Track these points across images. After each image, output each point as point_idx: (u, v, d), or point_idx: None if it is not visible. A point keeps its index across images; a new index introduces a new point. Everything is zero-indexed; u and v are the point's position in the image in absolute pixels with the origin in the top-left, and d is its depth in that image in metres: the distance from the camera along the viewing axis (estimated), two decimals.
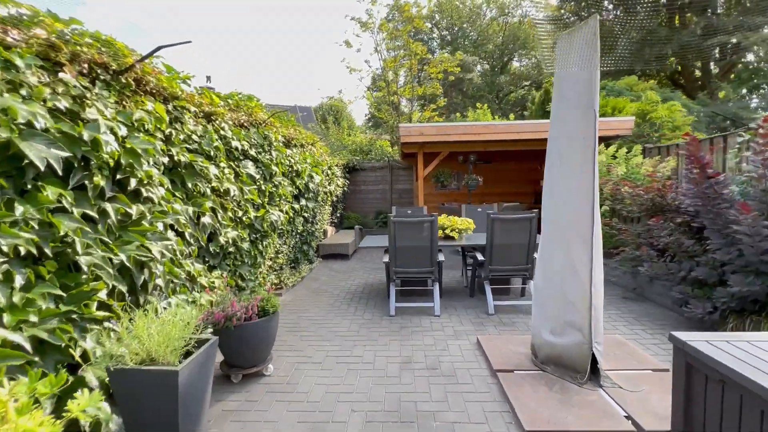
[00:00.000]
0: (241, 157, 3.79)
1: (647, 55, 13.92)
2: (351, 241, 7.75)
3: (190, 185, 2.80)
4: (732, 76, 15.85)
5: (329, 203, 8.34)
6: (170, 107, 2.70)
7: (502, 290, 4.74)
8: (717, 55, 14.17)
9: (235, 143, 3.52)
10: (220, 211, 3.16)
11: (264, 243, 4.25)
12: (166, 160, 2.63)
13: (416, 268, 4.29)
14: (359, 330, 3.80)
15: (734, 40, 13.31)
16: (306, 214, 6.02)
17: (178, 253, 2.64)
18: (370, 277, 6.04)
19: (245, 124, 3.90)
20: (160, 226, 2.38)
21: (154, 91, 2.54)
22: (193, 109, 2.97)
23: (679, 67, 15.94)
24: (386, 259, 4.38)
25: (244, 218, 3.74)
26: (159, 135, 2.53)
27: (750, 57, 15.53)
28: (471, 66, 28.77)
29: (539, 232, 2.98)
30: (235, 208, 3.54)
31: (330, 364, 3.08)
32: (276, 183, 4.45)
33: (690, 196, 3.52)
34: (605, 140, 7.39)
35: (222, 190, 3.26)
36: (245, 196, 3.69)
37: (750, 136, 3.69)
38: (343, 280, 5.88)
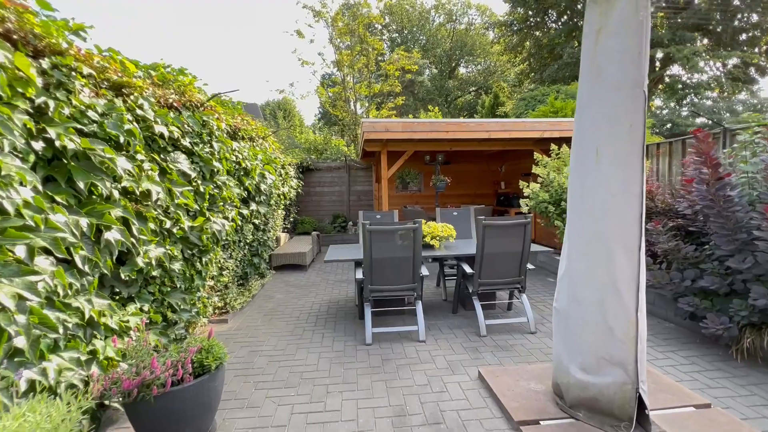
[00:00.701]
0: (170, 148, 2.85)
1: None
2: (308, 250, 6.88)
3: (82, 185, 1.86)
4: (660, 87, 17.24)
5: (282, 207, 7.38)
6: (46, 64, 1.75)
7: (487, 305, 4.22)
8: (656, 65, 15.22)
9: (159, 128, 2.58)
10: (136, 222, 2.23)
11: (203, 260, 3.31)
12: (39, 145, 1.69)
13: (396, 285, 3.61)
14: (331, 368, 3.02)
15: (660, 54, 14.38)
16: (257, 221, 5.08)
17: (60, 288, 1.70)
18: (334, 292, 5.25)
19: (176, 105, 2.95)
20: (19, 251, 1.46)
21: (11, 34, 1.59)
22: (88, 71, 2.02)
23: None
24: (359, 274, 3.64)
25: (174, 230, 2.80)
26: (21, 104, 1.59)
27: (675, 69, 16.99)
28: (422, 69, 28.92)
29: (533, 239, 2.47)
30: (161, 217, 2.60)
31: (299, 427, 2.28)
32: (219, 183, 3.52)
33: (699, 198, 3.22)
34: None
35: (139, 193, 2.33)
36: (176, 201, 2.76)
37: (749, 135, 3.49)
38: (302, 297, 5.02)
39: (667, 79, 16.97)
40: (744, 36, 14.16)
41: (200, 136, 3.21)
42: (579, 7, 14.92)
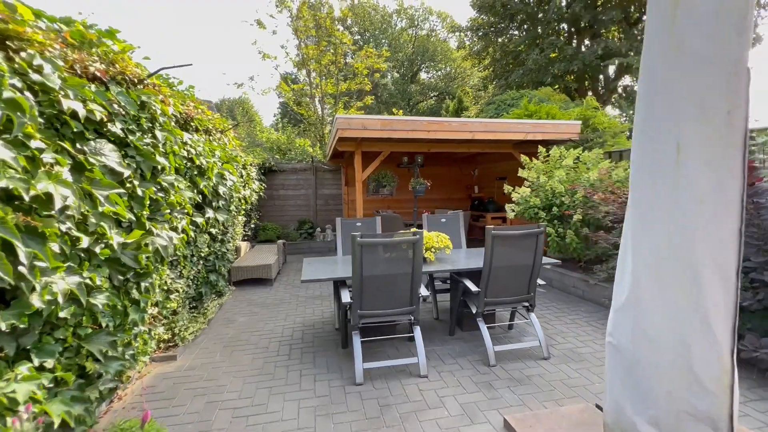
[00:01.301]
0: (91, 135, 2.05)
1: (554, 69, 14.91)
2: (274, 261, 6.07)
3: None
4: (614, 97, 18.07)
5: (243, 212, 6.51)
6: None
7: (475, 321, 3.72)
8: (611, 75, 15.85)
9: (71, 104, 1.79)
10: (21, 245, 1.44)
11: (142, 286, 2.50)
12: None
13: (391, 309, 3.00)
14: (317, 423, 2.34)
15: (613, 64, 15.02)
16: (214, 230, 4.25)
17: None
18: (307, 312, 4.52)
19: (100, 76, 2.15)
20: None
21: None
22: None
23: (575, 85, 17.58)
24: (346, 297, 2.99)
25: (97, 249, 2.01)
26: None
27: (626, 80, 17.88)
28: (385, 72, 28.66)
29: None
30: (74, 233, 1.81)
31: None
32: (165, 185, 2.72)
33: None
34: (554, 144, 7.07)
35: (31, 198, 1.54)
36: (100, 209, 1.96)
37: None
38: (270, 320, 4.26)
39: (620, 89, 17.81)
40: None
41: (137, 121, 2.41)
42: (540, 16, 15.21)
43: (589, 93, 17.63)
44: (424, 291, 3.06)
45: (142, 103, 2.43)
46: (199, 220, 3.49)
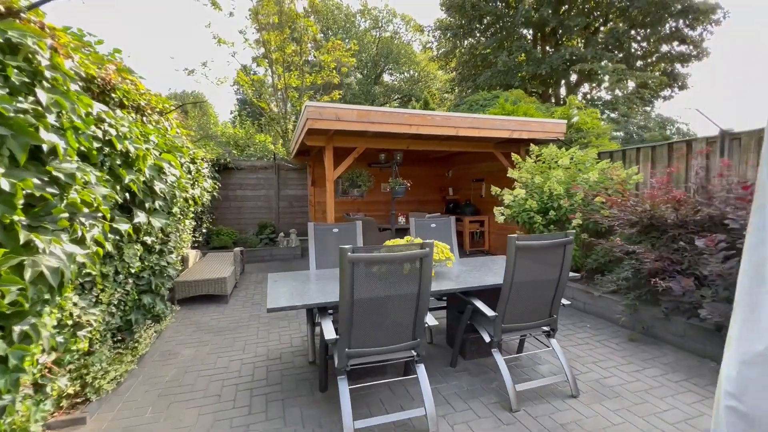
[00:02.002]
0: None
1: (523, 72, 14.96)
2: (229, 273, 5.12)
3: None
4: (576, 102, 18.52)
5: (191, 215, 5.49)
6: None
7: (480, 348, 3.12)
8: (572, 82, 16.18)
9: None
10: None
11: (15, 332, 1.60)
12: None
13: (391, 345, 2.28)
14: None
15: (575, 69, 15.37)
16: (150, 239, 3.30)
17: None
18: (272, 338, 3.68)
19: None
20: None
21: None
22: None
23: (541, 89, 17.87)
24: (330, 333, 2.22)
25: None
26: None
27: (586, 88, 18.44)
28: (350, 71, 27.95)
29: None
30: None
31: None
32: (60, 176, 1.83)
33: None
34: (541, 143, 6.71)
35: None
36: None
37: None
38: (224, 352, 3.37)
39: (579, 97, 18.32)
40: (640, 62, 15.82)
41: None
42: (508, 18, 15.23)
43: (552, 99, 17.99)
44: (431, 319, 2.37)
45: (10, 44, 1.54)
46: (124, 226, 2.56)
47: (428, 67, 29.46)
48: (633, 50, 15.27)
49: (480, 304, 2.66)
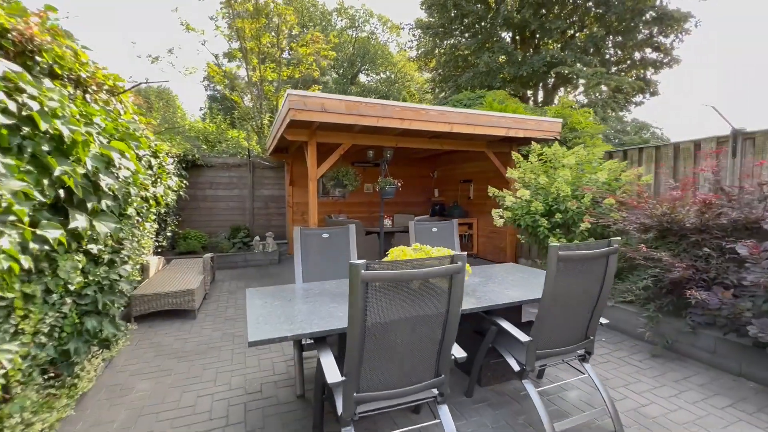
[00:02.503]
0: None
1: (504, 73, 14.89)
2: (198, 283, 4.46)
3: None
4: (570, 101, 18.74)
5: (152, 218, 4.79)
6: None
7: (497, 373, 2.71)
8: (549, 85, 16.29)
9: None
10: None
11: None
12: None
13: (409, 386, 1.79)
14: None
15: (557, 71, 15.50)
16: (96, 248, 2.65)
17: None
18: (249, 363, 3.10)
19: None
20: None
21: None
22: None
23: (521, 92, 17.92)
24: (333, 373, 1.70)
25: None
26: None
27: (561, 92, 18.69)
28: (326, 70, 27.33)
29: None
30: None
31: None
32: None
33: None
34: (539, 141, 6.42)
35: None
36: None
37: None
38: (191, 384, 2.77)
39: (556, 101, 18.53)
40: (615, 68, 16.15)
41: None
42: (490, 18, 15.13)
43: (530, 101, 18.08)
44: (458, 350, 1.90)
45: None
46: (53, 233, 1.93)
47: (405, 68, 29.27)
48: (608, 56, 15.54)
49: (509, 326, 2.22)
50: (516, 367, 2.21)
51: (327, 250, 3.24)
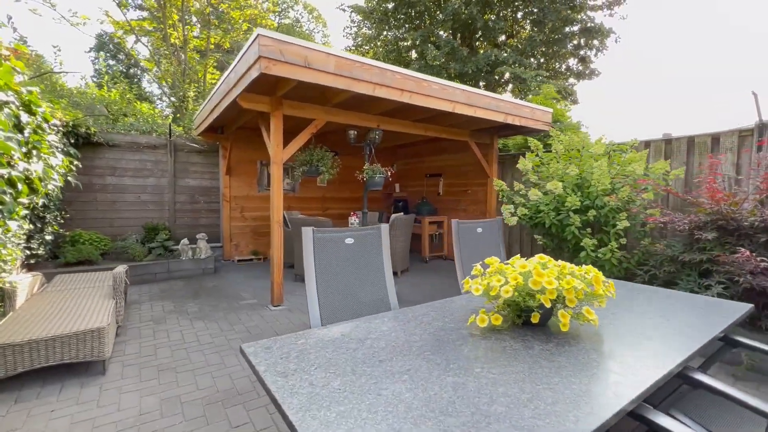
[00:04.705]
0: None
1: (450, 69, 14.63)
2: (108, 316, 2.85)
3: None
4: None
5: (21, 211, 3.02)
6: None
7: None
8: (492, 83, 16.59)
9: None
10: None
11: None
12: None
13: None
14: None
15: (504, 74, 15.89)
16: None
17: None
18: None
19: None
20: None
21: None
22: None
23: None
24: None
25: None
26: None
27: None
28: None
29: None
30: None
31: None
32: None
33: None
34: (529, 133, 5.89)
35: None
36: None
37: None
38: None
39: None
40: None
41: None
42: (437, 12, 14.80)
43: None
44: None
45: None
46: None
47: (349, 53, 27.99)
48: (542, 61, 16.35)
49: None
50: None
51: (350, 264, 2.09)
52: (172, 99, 8.04)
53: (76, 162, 4.84)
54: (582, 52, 15.75)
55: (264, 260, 7.00)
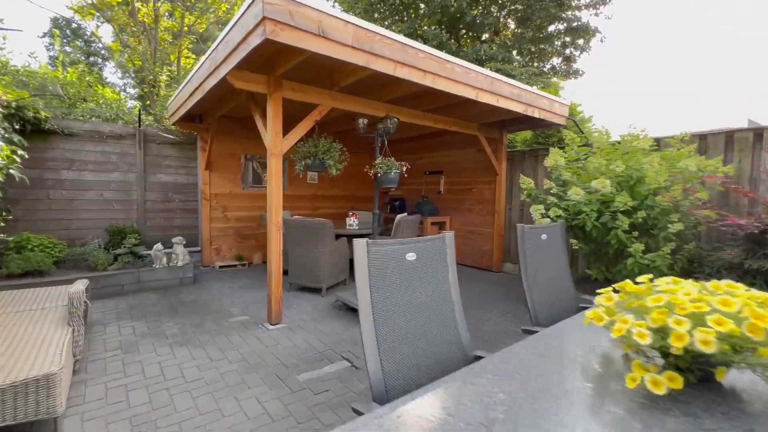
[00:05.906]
0: None
1: None
2: (61, 356, 2.13)
3: None
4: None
5: None
6: None
7: None
8: None
9: None
10: None
11: None
12: None
13: None
14: None
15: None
16: None
17: None
18: None
19: None
20: None
21: None
22: None
23: None
24: None
25: None
26: None
27: None
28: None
29: None
30: None
31: None
32: None
33: None
34: (543, 126, 5.48)
35: None
36: None
37: None
38: None
39: None
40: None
41: None
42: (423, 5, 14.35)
43: None
44: None
45: None
46: None
47: None
48: (529, 58, 16.23)
49: None
50: None
51: (414, 289, 1.52)
52: (143, 86, 7.12)
53: (20, 152, 3.98)
54: (567, 51, 15.76)
55: (249, 266, 6.26)
